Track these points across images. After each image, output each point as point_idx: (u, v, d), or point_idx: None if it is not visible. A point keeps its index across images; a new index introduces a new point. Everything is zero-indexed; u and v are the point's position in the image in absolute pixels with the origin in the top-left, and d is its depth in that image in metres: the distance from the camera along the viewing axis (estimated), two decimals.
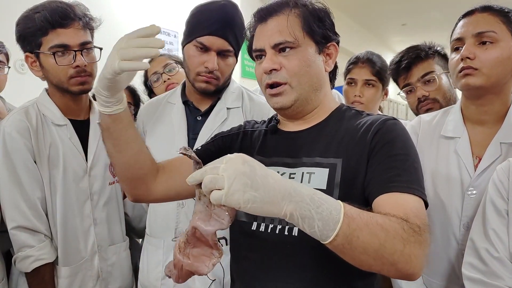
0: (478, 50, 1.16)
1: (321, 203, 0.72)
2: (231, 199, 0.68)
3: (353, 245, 0.73)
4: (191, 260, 0.82)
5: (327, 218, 0.71)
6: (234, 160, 0.71)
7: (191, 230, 0.81)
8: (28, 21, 1.33)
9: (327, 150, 0.97)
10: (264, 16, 1.01)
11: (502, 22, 1.17)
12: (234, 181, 0.68)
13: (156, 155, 1.46)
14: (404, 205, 0.83)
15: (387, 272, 0.78)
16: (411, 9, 6.57)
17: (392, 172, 0.88)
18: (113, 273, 1.49)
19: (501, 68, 1.16)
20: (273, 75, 0.98)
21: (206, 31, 1.32)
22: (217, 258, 0.81)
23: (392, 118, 0.99)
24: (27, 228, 1.31)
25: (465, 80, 1.17)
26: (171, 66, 1.94)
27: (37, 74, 1.40)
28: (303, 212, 0.71)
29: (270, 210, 0.71)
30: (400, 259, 0.75)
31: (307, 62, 0.98)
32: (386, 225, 0.75)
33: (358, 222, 0.73)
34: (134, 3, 3.75)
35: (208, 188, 0.70)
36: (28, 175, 1.32)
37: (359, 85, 1.85)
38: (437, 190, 1.25)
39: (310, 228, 0.71)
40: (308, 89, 1.00)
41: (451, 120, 1.29)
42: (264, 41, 0.99)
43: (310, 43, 1.00)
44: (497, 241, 1.03)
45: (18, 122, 1.33)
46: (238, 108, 1.44)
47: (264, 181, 0.70)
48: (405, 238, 0.75)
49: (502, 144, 1.19)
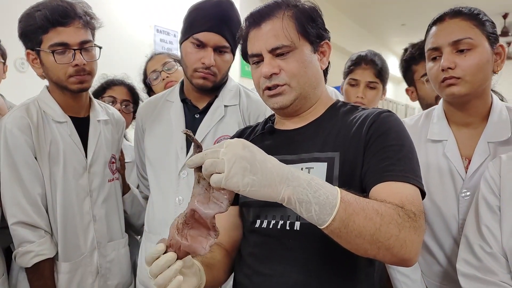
0: (457, 59, 1.16)
1: (318, 188, 0.74)
2: (230, 182, 0.71)
3: (349, 229, 0.74)
4: (189, 241, 0.81)
5: (324, 203, 0.73)
6: (234, 144, 0.73)
7: (189, 212, 0.81)
8: (29, 18, 1.34)
9: (324, 145, 0.99)
10: (257, 20, 1.02)
11: (475, 26, 1.17)
12: (234, 164, 0.70)
13: (154, 153, 1.49)
14: (399, 193, 0.85)
15: (383, 257, 0.79)
16: (411, 9, 6.59)
17: (386, 161, 0.90)
18: (112, 269, 1.50)
19: (482, 73, 1.17)
20: (273, 79, 1.00)
21: (202, 27, 1.34)
22: (213, 239, 0.81)
23: (387, 110, 1.01)
24: (27, 223, 1.33)
25: (449, 89, 1.18)
26: (170, 64, 1.96)
27: (38, 72, 1.41)
28: (300, 196, 0.73)
29: (268, 194, 0.72)
30: (395, 244, 0.77)
31: (305, 63, 1.01)
32: (382, 210, 0.77)
33: (354, 206, 0.75)
34: (134, 3, 3.76)
35: (208, 171, 0.72)
36: (29, 171, 1.34)
37: (361, 87, 1.86)
38: (432, 196, 1.25)
39: (307, 212, 0.73)
40: (307, 88, 1.02)
41: (436, 124, 1.30)
42: (260, 46, 1.00)
43: (306, 44, 1.02)
44: (490, 237, 1.05)
45: (19, 119, 1.34)
46: (236, 106, 1.46)
47: (262, 165, 0.72)
48: (400, 223, 0.77)
49: (490, 143, 1.20)
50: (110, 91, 1.92)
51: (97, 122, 1.51)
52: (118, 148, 1.61)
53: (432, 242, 1.28)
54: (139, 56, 2.13)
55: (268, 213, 1.00)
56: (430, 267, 1.29)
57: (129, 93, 1.96)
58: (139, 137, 1.58)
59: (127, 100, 1.93)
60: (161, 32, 3.95)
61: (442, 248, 1.26)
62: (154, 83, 1.98)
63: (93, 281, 1.44)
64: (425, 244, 1.29)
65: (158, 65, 1.97)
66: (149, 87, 2.02)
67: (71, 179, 1.40)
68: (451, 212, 1.23)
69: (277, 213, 0.98)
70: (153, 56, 2.06)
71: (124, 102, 1.92)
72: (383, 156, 0.91)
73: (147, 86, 2.03)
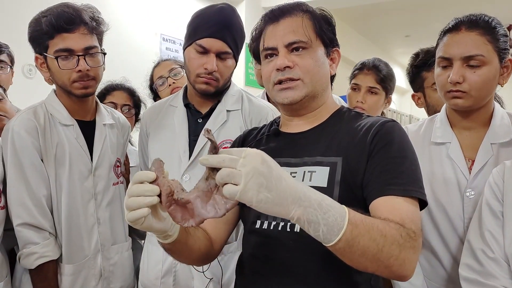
0: (466, 72, 1.18)
1: (328, 209, 0.75)
2: (245, 196, 0.70)
3: (353, 249, 0.76)
4: (171, 212, 0.78)
5: (332, 224, 0.74)
6: (253, 157, 0.71)
7: (184, 200, 0.78)
8: (37, 24, 1.37)
9: (327, 150, 1.00)
10: (277, 16, 1.04)
11: (489, 42, 1.18)
12: (251, 179, 0.69)
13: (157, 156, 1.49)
14: (400, 210, 0.86)
15: (381, 273, 0.83)
16: (414, 21, 6.63)
17: (388, 175, 0.91)
18: (115, 272, 1.51)
19: (487, 88, 1.20)
20: (286, 72, 1.01)
21: (205, 33, 1.36)
22: (192, 224, 0.78)
23: (391, 120, 1.01)
24: (32, 225, 1.34)
25: (453, 101, 1.21)
26: (177, 70, 1.99)
27: (45, 75, 1.44)
28: (310, 217, 0.73)
29: (279, 212, 0.73)
30: (394, 263, 0.79)
31: (318, 62, 1.03)
32: (386, 231, 0.79)
33: (360, 229, 0.76)
34: (140, 12, 3.80)
35: (223, 181, 0.71)
36: (35, 173, 1.35)
37: (362, 92, 1.88)
38: (436, 196, 1.27)
39: (315, 232, 0.74)
40: (318, 87, 1.04)
41: (439, 128, 1.32)
42: (277, 40, 1.02)
43: (320, 46, 1.05)
44: (493, 242, 1.05)
45: (26, 121, 1.36)
46: (238, 111, 1.47)
47: (278, 183, 0.72)
48: (401, 244, 0.80)
49: (493, 144, 1.23)
50: (110, 97, 1.94)
51: (103, 126, 1.53)
52: (123, 152, 1.63)
53: (439, 243, 1.28)
54: (145, 64, 2.16)
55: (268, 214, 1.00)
56: (435, 270, 1.30)
57: (129, 97, 1.98)
58: (143, 141, 1.60)
59: (127, 104, 1.96)
60: (167, 40, 4.00)
61: (448, 249, 1.27)
62: (160, 89, 2.00)
63: (96, 284, 1.45)
64: (431, 247, 1.30)
65: (165, 71, 2.00)
66: (155, 93, 2.04)
67: (76, 182, 1.42)
68: (456, 212, 1.24)
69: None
70: (159, 62, 2.08)
71: (124, 106, 1.94)
72: (386, 168, 0.92)
73: (153, 92, 2.05)
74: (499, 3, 5.33)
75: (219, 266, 1.31)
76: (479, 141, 1.25)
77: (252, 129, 1.22)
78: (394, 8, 5.96)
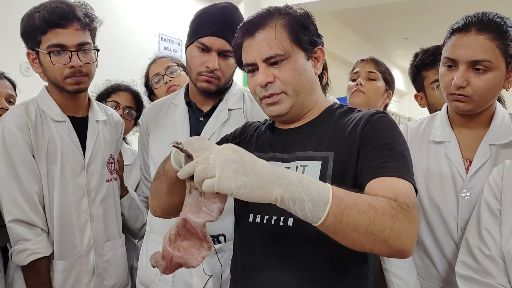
0: (471, 76, 1.15)
1: (310, 185, 0.74)
2: (223, 185, 0.70)
3: (343, 224, 0.74)
4: (181, 252, 0.83)
5: (317, 199, 0.73)
6: (223, 149, 0.74)
7: (181, 222, 0.82)
8: (29, 19, 1.36)
9: (319, 144, 1.00)
10: (251, 29, 1.03)
11: (498, 47, 1.13)
12: (225, 168, 0.71)
13: (158, 154, 1.49)
14: (393, 187, 0.85)
15: (380, 249, 0.79)
16: (414, 23, 6.63)
17: (380, 159, 0.90)
18: (109, 269, 1.50)
19: (491, 94, 1.18)
20: (269, 87, 1.01)
21: (207, 32, 1.36)
22: (206, 251, 0.82)
23: (382, 112, 1.01)
24: (24, 221, 1.33)
25: (455, 103, 1.19)
26: (173, 68, 1.96)
27: (37, 71, 1.43)
28: (293, 195, 0.73)
29: (261, 195, 0.72)
30: (390, 235, 0.76)
31: (299, 71, 1.01)
32: (374, 203, 0.77)
33: (347, 201, 0.75)
34: (139, 12, 3.80)
35: (200, 178, 0.72)
36: (26, 169, 1.34)
37: (361, 77, 1.88)
38: (431, 195, 1.26)
39: (301, 210, 0.73)
40: (302, 95, 1.03)
41: (439, 126, 1.30)
42: (254, 55, 1.01)
43: (299, 52, 1.02)
44: (490, 240, 1.04)
45: (17, 117, 1.35)
46: (239, 110, 1.47)
47: (253, 167, 0.73)
48: (393, 215, 0.77)
49: (491, 146, 1.21)
50: (115, 96, 1.92)
51: (96, 122, 1.52)
52: (116, 149, 1.62)
53: (431, 243, 1.27)
54: (143, 63, 2.13)
55: (261, 208, 1.00)
56: (428, 269, 1.29)
57: (133, 100, 1.96)
58: (144, 139, 1.59)
59: (130, 106, 1.93)
60: (166, 40, 4.00)
61: (440, 249, 1.25)
62: (156, 87, 1.97)
63: (89, 281, 1.44)
64: (424, 246, 1.28)
65: (161, 69, 1.97)
66: (150, 90, 2.02)
67: (68, 178, 1.41)
68: (450, 212, 1.22)
69: (270, 209, 0.98)
70: (156, 59, 2.05)
71: (126, 108, 1.92)
72: (377, 154, 0.92)
73: (148, 89, 2.03)
74: (497, 7, 5.34)
75: (219, 263, 1.30)
76: (478, 141, 1.23)
77: (249, 125, 1.22)
78: (393, 10, 5.96)
